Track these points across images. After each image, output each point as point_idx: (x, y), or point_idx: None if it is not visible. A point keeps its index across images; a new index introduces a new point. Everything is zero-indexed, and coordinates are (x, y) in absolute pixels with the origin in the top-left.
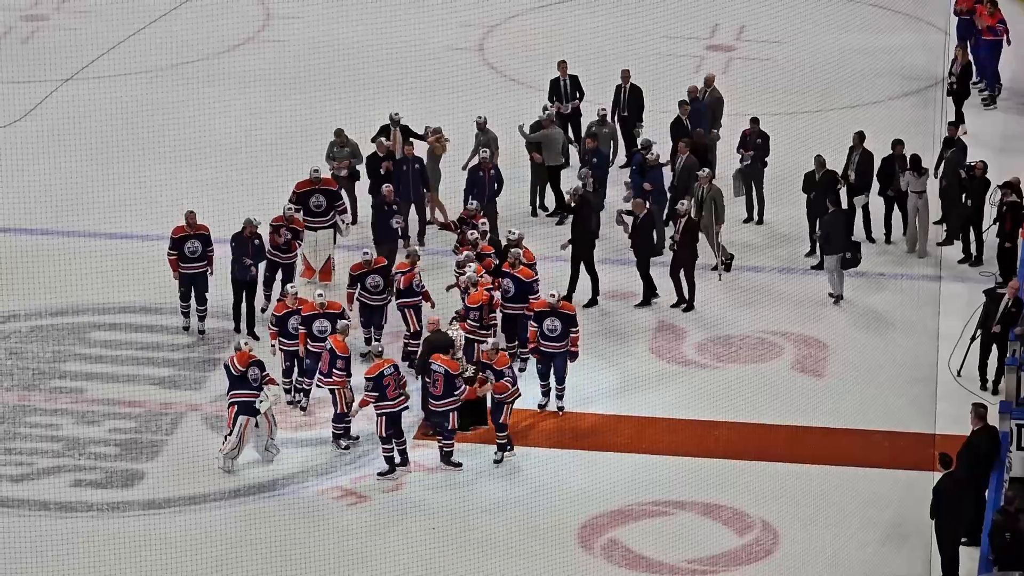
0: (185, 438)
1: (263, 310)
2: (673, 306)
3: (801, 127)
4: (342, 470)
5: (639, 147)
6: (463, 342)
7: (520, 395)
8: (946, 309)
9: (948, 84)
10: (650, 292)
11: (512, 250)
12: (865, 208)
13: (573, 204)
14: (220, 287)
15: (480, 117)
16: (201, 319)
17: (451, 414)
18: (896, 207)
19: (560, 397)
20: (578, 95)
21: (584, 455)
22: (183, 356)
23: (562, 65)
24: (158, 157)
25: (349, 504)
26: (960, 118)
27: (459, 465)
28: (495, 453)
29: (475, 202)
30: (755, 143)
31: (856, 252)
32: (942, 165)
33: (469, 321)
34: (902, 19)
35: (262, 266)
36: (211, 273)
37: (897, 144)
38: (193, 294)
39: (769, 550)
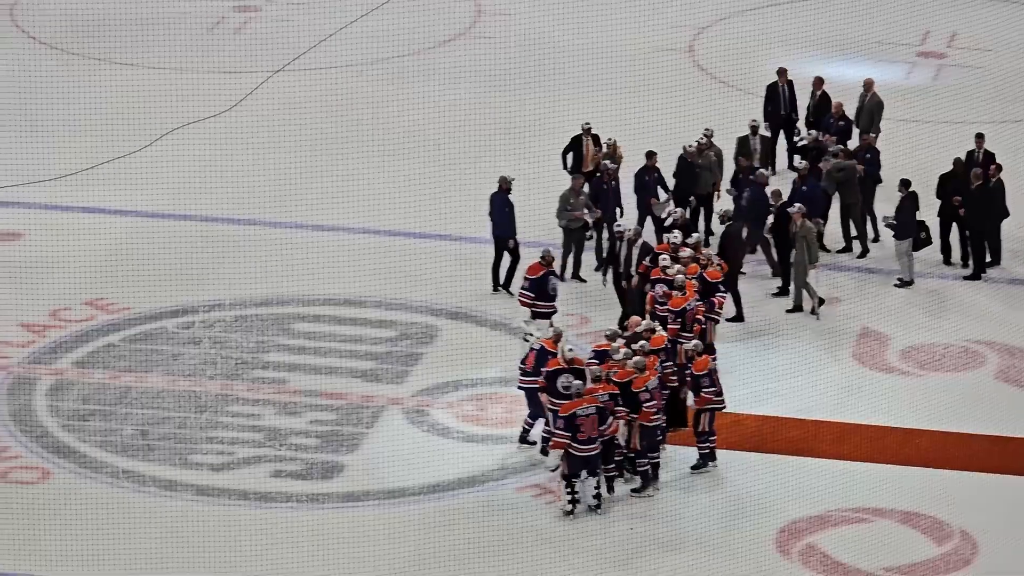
0: (386, 432)
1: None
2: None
3: (1010, 136)
4: (541, 468)
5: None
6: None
7: (724, 406)
8: None
9: None
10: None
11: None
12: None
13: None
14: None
15: (708, 130)
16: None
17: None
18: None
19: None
20: (794, 103)
21: (785, 460)
22: (385, 350)
23: (781, 72)
24: (365, 151)
25: (548, 502)
26: None
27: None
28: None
29: (697, 235)
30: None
31: (928, 233)
32: None
33: (670, 324)
34: None
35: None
36: None
37: (957, 162)
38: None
39: (968, 560)
